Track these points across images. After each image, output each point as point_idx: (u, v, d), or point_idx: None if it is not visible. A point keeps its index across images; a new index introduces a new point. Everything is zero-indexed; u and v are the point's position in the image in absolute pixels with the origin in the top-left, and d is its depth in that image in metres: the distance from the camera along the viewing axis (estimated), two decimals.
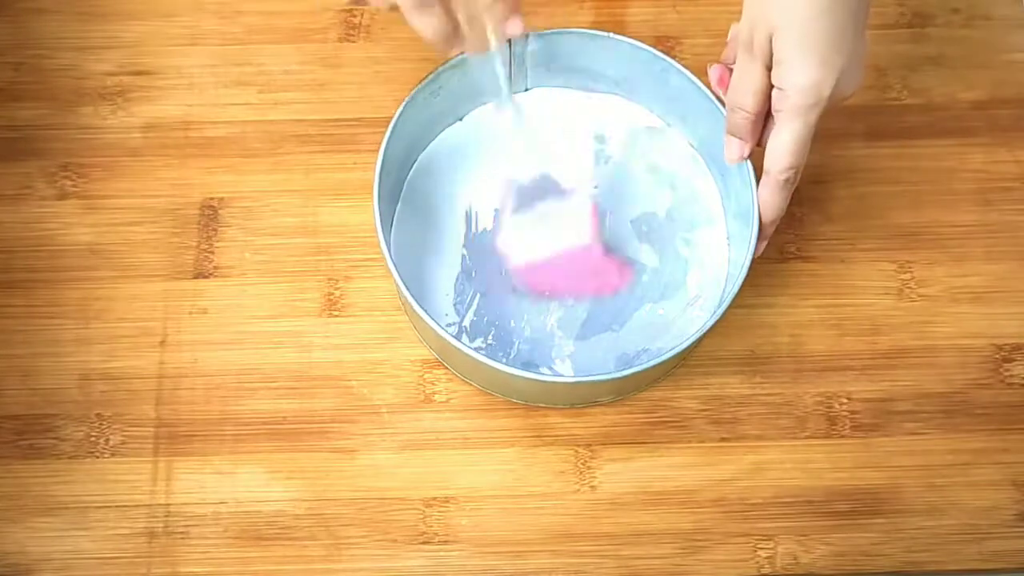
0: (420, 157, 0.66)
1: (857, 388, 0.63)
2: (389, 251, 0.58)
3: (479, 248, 0.64)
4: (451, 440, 0.62)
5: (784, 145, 0.55)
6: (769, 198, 0.58)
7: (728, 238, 0.64)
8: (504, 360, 0.59)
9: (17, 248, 0.66)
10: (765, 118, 0.57)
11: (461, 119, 0.67)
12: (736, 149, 0.59)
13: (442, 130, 0.67)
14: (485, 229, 0.65)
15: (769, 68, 0.55)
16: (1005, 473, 0.62)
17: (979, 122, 0.69)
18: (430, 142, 0.66)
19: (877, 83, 0.70)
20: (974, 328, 0.64)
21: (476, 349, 0.60)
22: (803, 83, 0.53)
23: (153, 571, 0.60)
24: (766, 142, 0.57)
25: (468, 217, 0.65)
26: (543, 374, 0.60)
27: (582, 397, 0.62)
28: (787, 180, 0.57)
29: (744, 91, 0.56)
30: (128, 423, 0.62)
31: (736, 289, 0.57)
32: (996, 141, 0.69)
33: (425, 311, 0.56)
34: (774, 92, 0.55)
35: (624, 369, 0.57)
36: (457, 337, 0.59)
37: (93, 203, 0.67)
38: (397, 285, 0.58)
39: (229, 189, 0.67)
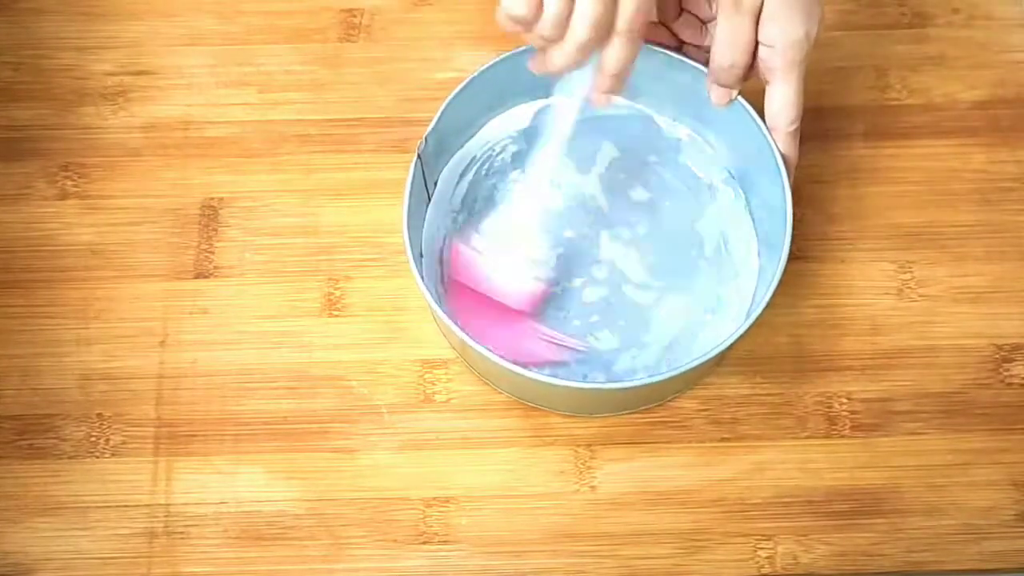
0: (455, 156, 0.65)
1: (857, 388, 0.63)
2: (408, 238, 0.57)
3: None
4: (451, 440, 0.62)
5: (789, 100, 0.59)
6: (785, 151, 0.60)
7: (758, 248, 0.64)
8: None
9: (18, 248, 0.66)
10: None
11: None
12: (724, 95, 0.61)
13: (483, 124, 0.66)
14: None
15: (757, 23, 0.57)
16: (1005, 473, 0.62)
17: (979, 122, 0.69)
18: (469, 138, 0.65)
19: (877, 83, 0.70)
20: (974, 328, 0.64)
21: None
22: (796, 37, 0.57)
23: (153, 571, 0.60)
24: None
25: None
26: (577, 382, 0.59)
27: (623, 404, 0.62)
28: (797, 129, 0.60)
29: (738, 47, 0.58)
30: (128, 423, 0.63)
31: (769, 296, 0.57)
32: (996, 141, 0.69)
33: (444, 312, 0.56)
34: (763, 50, 0.58)
35: (658, 375, 0.56)
36: None
37: (93, 203, 0.67)
38: (419, 286, 0.57)
39: (229, 189, 0.67)
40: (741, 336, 0.56)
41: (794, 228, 0.66)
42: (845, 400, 0.63)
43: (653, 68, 0.63)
